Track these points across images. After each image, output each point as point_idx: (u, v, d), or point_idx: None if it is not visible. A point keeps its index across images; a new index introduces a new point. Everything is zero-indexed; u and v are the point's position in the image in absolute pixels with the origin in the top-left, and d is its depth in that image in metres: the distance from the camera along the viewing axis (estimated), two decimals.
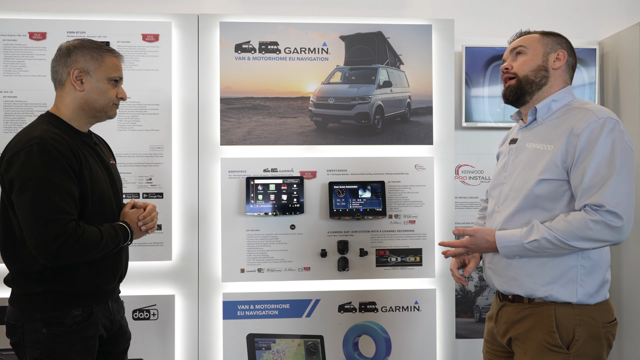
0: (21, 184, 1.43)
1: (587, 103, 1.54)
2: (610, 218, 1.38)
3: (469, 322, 2.56)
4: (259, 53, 2.34)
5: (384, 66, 2.37)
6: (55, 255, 1.43)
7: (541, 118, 1.57)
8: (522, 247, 1.46)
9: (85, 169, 1.52)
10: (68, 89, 1.57)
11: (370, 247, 2.33)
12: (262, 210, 2.27)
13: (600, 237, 1.39)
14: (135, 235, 1.64)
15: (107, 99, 1.59)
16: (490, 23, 1.69)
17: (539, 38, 1.58)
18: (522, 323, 1.51)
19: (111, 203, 1.62)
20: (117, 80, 1.61)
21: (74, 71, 1.55)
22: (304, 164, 2.33)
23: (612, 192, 1.39)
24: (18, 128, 2.22)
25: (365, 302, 2.34)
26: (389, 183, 2.35)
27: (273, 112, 2.34)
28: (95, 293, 1.57)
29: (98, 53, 1.57)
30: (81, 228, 1.46)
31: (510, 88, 1.59)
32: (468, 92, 2.52)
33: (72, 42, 1.59)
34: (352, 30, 2.36)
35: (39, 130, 1.48)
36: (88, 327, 1.53)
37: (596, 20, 2.73)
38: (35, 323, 1.49)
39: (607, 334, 1.47)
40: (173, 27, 2.30)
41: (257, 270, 2.29)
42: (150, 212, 1.68)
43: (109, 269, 1.60)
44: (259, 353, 2.29)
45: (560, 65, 1.56)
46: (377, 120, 2.36)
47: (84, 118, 1.59)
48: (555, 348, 1.45)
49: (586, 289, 1.46)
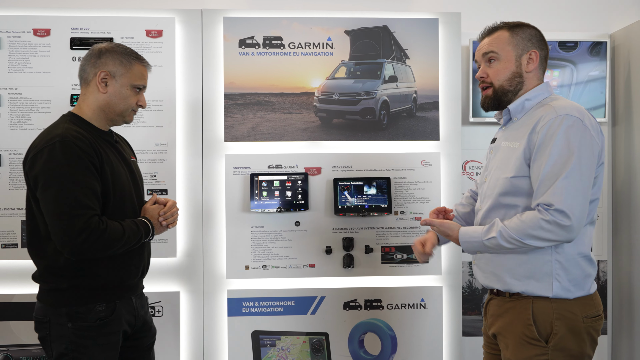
0: (45, 180, 1.47)
1: (557, 99, 1.53)
2: (560, 217, 1.39)
3: (476, 320, 2.53)
4: (263, 48, 2.31)
5: (390, 61, 2.34)
6: (80, 249, 1.46)
7: (516, 117, 1.57)
8: (481, 244, 1.49)
9: (107, 166, 1.56)
10: (92, 89, 1.61)
11: (376, 244, 2.31)
12: (267, 206, 2.25)
13: (551, 236, 1.41)
14: (156, 230, 1.68)
15: (127, 104, 1.63)
16: (498, 16, 1.65)
17: (508, 38, 1.55)
18: (504, 317, 1.53)
19: (132, 199, 1.66)
20: (140, 88, 1.65)
21: (101, 73, 1.59)
22: (308, 160, 2.31)
23: (561, 191, 1.39)
24: (23, 125, 2.23)
25: (370, 300, 2.32)
26: (395, 179, 2.32)
27: (277, 107, 2.32)
28: (118, 288, 1.60)
29: (127, 59, 1.62)
30: (104, 223, 1.49)
31: (487, 99, 1.60)
32: (476, 87, 2.48)
33: (105, 45, 1.64)
34: (357, 24, 2.33)
35: (61, 129, 1.53)
36: (111, 323, 1.57)
37: (607, 13, 2.67)
38: (61, 318, 1.52)
39: (588, 329, 1.47)
40: (177, 22, 2.28)
41: (262, 267, 2.28)
42: (171, 207, 1.71)
43: (131, 264, 1.63)
44: (264, 350, 2.28)
45: (534, 67, 1.56)
46: (382, 116, 2.33)
47: (103, 119, 1.63)
48: (533, 341, 1.46)
49: (563, 284, 1.46)
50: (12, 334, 2.21)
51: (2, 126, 2.22)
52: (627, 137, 2.50)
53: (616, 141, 2.57)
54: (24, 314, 2.20)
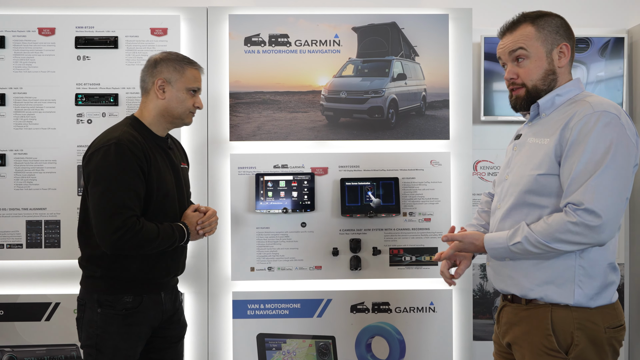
0: (95, 177, 1.61)
1: (590, 96, 1.44)
2: (589, 218, 1.30)
3: (487, 324, 2.46)
4: (269, 46, 2.28)
5: (398, 58, 2.28)
6: (115, 245, 1.58)
7: (544, 113, 1.49)
8: (507, 250, 1.42)
9: (154, 170, 1.67)
10: (152, 97, 1.73)
11: (384, 246, 2.26)
12: (273, 207, 2.21)
13: (580, 239, 1.32)
14: (192, 237, 1.77)
15: (185, 107, 1.74)
16: (511, 12, 1.59)
17: (534, 33, 1.45)
18: (520, 325, 1.46)
19: (174, 203, 1.75)
20: (195, 90, 1.76)
21: (158, 81, 1.71)
22: (315, 159, 2.27)
23: (593, 189, 1.31)
24: (28, 124, 2.22)
25: (378, 303, 2.27)
26: (403, 179, 2.27)
27: (283, 106, 2.28)
28: (146, 284, 1.70)
29: (180, 65, 1.73)
30: (140, 224, 1.60)
31: (519, 99, 1.50)
32: (489, 85, 2.42)
33: (160, 54, 1.76)
34: (365, 21, 2.28)
35: (119, 132, 1.65)
36: (136, 314, 1.67)
37: (624, 8, 2.59)
38: (93, 303, 1.65)
39: (610, 340, 1.39)
40: (182, 20, 2.25)
41: (268, 268, 2.24)
42: (210, 217, 1.80)
43: (162, 264, 1.71)
44: (269, 353, 2.24)
45: (566, 62, 1.47)
46: (390, 115, 2.28)
47: (162, 124, 1.75)
48: (552, 352, 1.38)
49: (585, 291, 1.38)
50: (16, 335, 2.20)
51: (7, 126, 2.21)
52: None
53: None
54: (29, 314, 2.20)
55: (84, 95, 2.21)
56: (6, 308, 2.20)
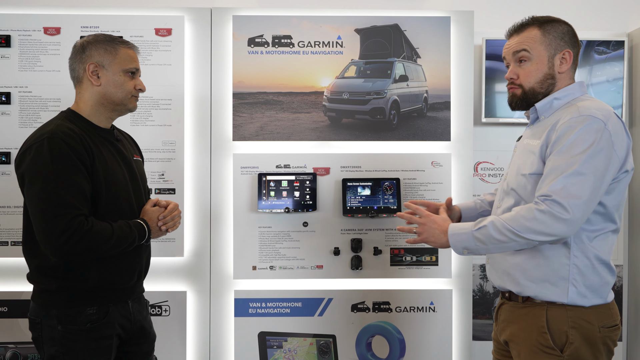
0: (30, 178, 1.44)
1: (584, 100, 1.47)
2: (557, 209, 1.32)
3: (486, 324, 2.48)
4: (272, 47, 2.29)
5: (400, 60, 2.30)
6: (62, 250, 1.41)
7: (543, 116, 1.52)
8: (470, 235, 1.42)
9: (99, 164, 1.50)
10: (86, 85, 1.56)
11: (385, 246, 2.27)
12: (275, 207, 2.23)
13: (545, 229, 1.33)
14: (154, 234, 1.61)
15: (125, 91, 1.57)
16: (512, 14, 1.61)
17: (540, 37, 1.49)
18: (517, 323, 1.48)
19: (129, 199, 1.59)
20: (133, 72, 1.59)
21: (90, 66, 1.54)
22: (317, 160, 2.28)
23: (562, 184, 1.33)
24: (33, 123, 2.23)
25: (379, 302, 2.29)
26: (405, 180, 2.29)
27: (286, 107, 2.30)
28: (111, 291, 1.55)
29: (111, 46, 1.56)
30: (89, 224, 1.43)
31: (515, 98, 1.54)
32: (491, 86, 2.43)
33: (86, 38, 1.58)
34: (368, 22, 2.30)
35: (52, 125, 1.49)
36: (103, 327, 1.51)
37: (624, 11, 2.60)
38: (51, 320, 1.49)
39: (604, 339, 1.41)
40: (186, 21, 2.27)
41: (269, 267, 2.26)
42: (172, 211, 1.64)
43: (125, 267, 1.56)
44: (271, 351, 2.26)
45: (567, 67, 1.50)
46: (392, 116, 2.30)
47: (103, 113, 1.58)
48: (548, 350, 1.41)
49: (579, 289, 1.41)
50: (20, 332, 2.22)
51: (12, 124, 2.23)
52: None
53: (634, 143, 2.50)
54: None
55: None
56: (10, 305, 2.22)
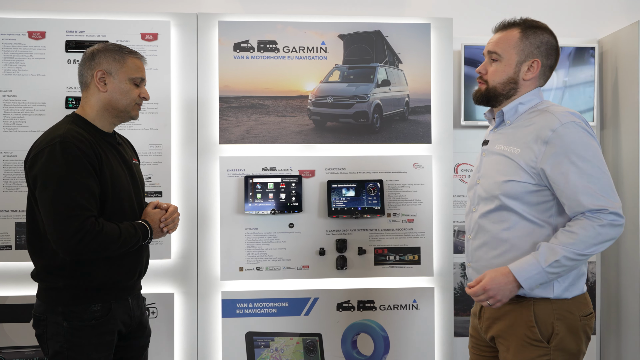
0: (43, 180, 1.49)
1: (551, 106, 1.54)
2: (614, 218, 1.42)
3: (467, 321, 2.56)
4: (258, 52, 2.34)
5: (383, 65, 2.37)
6: (74, 250, 1.48)
7: (509, 120, 1.58)
8: (543, 273, 1.43)
9: (106, 168, 1.58)
10: (92, 91, 1.63)
11: (369, 246, 2.33)
12: (261, 209, 2.27)
13: (608, 238, 1.43)
14: (155, 235, 1.70)
15: (129, 99, 1.64)
16: (490, 21, 1.68)
17: (516, 41, 1.54)
18: (504, 319, 1.54)
19: (132, 201, 1.67)
20: (139, 81, 1.67)
21: (97, 73, 1.61)
22: (302, 162, 2.33)
23: (607, 193, 1.43)
24: (17, 127, 2.23)
25: (363, 301, 2.34)
26: (388, 182, 2.35)
27: (272, 110, 2.34)
28: (114, 289, 1.62)
29: (120, 55, 1.64)
30: (100, 224, 1.51)
31: (478, 92, 1.61)
32: (469, 90, 2.52)
33: (97, 46, 1.66)
34: (351, 29, 2.36)
35: (62, 130, 1.54)
36: (106, 323, 1.59)
37: (595, 19, 2.73)
38: (57, 316, 1.55)
39: (584, 327, 1.51)
40: (172, 26, 2.30)
41: (256, 268, 2.30)
42: (172, 213, 1.74)
43: (128, 266, 1.64)
44: (258, 351, 2.30)
45: (532, 77, 1.56)
46: (375, 119, 2.36)
47: (107, 118, 1.65)
48: (536, 342, 1.48)
49: (562, 284, 1.49)
50: (5, 336, 2.21)
51: None
52: (615, 140, 2.55)
53: (604, 144, 2.62)
54: (18, 316, 2.20)
55: (74, 98, 2.24)
56: None
